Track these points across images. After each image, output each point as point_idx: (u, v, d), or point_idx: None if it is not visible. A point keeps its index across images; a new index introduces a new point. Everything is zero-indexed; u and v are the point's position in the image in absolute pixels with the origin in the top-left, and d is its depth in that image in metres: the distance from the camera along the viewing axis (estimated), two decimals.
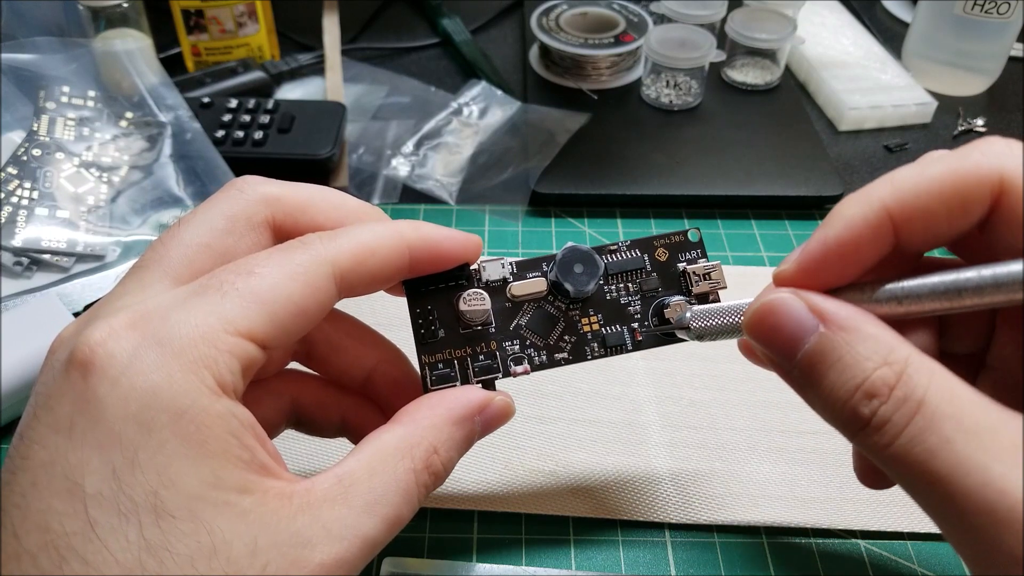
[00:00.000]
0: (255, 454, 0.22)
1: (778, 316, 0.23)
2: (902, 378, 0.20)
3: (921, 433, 0.20)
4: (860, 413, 0.21)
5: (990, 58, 0.64)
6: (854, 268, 0.23)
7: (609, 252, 0.30)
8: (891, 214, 0.22)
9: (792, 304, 0.23)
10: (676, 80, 0.61)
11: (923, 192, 0.22)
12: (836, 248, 0.23)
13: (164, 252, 0.24)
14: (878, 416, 0.21)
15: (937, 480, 0.20)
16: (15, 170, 0.49)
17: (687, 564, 0.35)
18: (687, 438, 0.39)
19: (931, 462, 0.20)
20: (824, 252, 0.23)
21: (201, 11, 0.62)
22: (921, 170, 0.22)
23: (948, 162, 0.22)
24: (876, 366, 0.21)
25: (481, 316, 0.28)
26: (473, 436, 0.26)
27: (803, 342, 0.22)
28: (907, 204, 0.22)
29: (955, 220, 0.22)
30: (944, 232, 0.23)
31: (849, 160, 0.59)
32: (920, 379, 0.20)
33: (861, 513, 0.36)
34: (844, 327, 0.22)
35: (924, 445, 0.20)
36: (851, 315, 0.22)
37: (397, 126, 0.59)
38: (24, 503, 0.20)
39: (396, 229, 0.26)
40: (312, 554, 0.21)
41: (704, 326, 0.27)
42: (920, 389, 0.20)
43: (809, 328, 0.22)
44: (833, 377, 0.22)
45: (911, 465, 0.20)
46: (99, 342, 0.21)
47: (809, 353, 0.22)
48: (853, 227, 0.23)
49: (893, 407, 0.20)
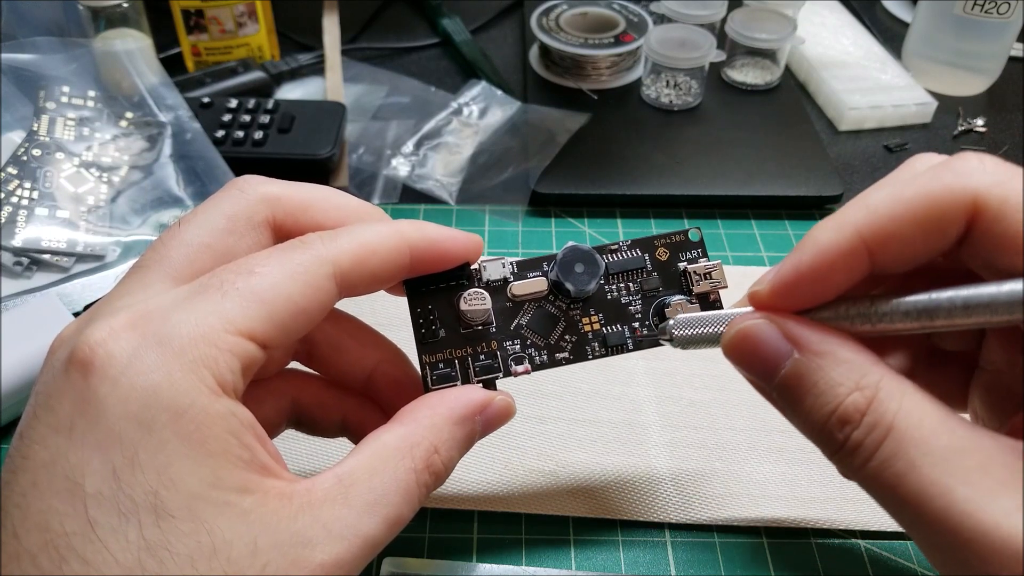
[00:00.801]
0: (255, 454, 0.22)
1: (754, 343, 0.24)
2: (872, 403, 0.21)
3: (890, 457, 0.20)
4: (835, 437, 0.22)
5: (990, 58, 0.64)
6: (827, 292, 0.23)
7: (610, 252, 0.30)
8: (865, 240, 0.22)
9: (766, 331, 0.23)
10: (676, 80, 0.61)
11: (897, 217, 0.22)
12: (808, 274, 0.23)
13: (164, 252, 0.24)
14: (851, 440, 0.21)
15: (906, 502, 0.20)
16: (15, 170, 0.49)
17: (687, 564, 0.35)
18: (687, 438, 0.39)
19: (900, 486, 0.20)
20: (797, 277, 0.23)
21: (201, 11, 0.62)
22: (895, 193, 0.22)
23: (921, 184, 0.22)
24: (848, 391, 0.21)
25: (482, 316, 0.28)
26: (474, 436, 0.26)
27: (780, 367, 0.23)
28: (881, 230, 0.22)
29: (931, 243, 0.22)
30: (920, 254, 0.23)
31: (849, 160, 0.59)
32: (890, 404, 0.21)
33: (861, 513, 0.36)
34: (817, 352, 0.22)
35: (893, 469, 0.20)
36: (823, 340, 0.22)
37: (397, 126, 0.59)
38: (24, 503, 0.20)
39: (397, 229, 0.26)
40: (312, 554, 0.21)
41: (686, 335, 0.27)
42: (889, 414, 0.21)
43: (784, 353, 0.23)
44: (809, 402, 0.22)
45: (882, 487, 0.21)
46: (99, 342, 0.21)
47: (785, 377, 0.23)
48: (825, 254, 0.23)
49: (864, 432, 0.21)
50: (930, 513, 0.20)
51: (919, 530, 0.21)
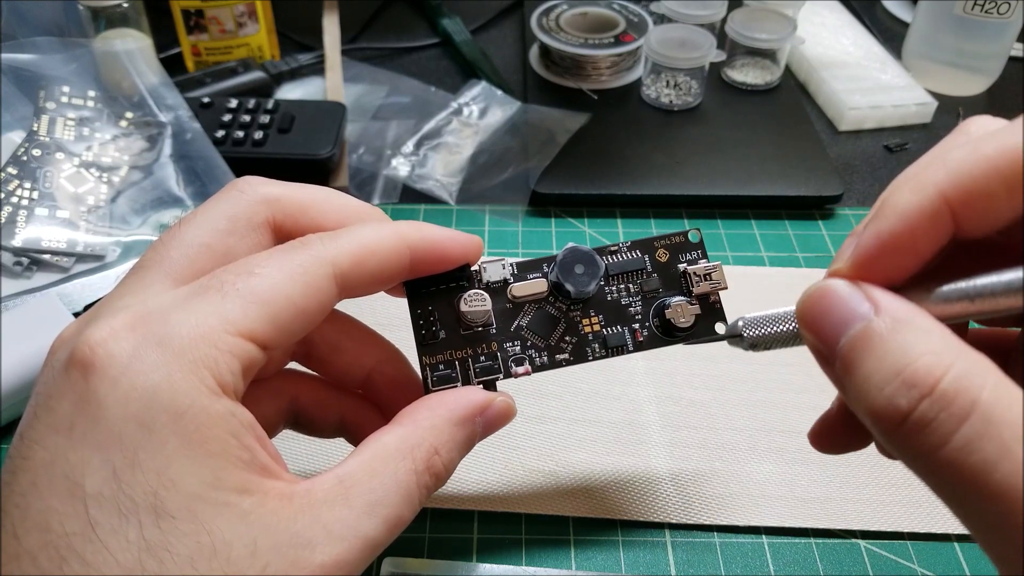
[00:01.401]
0: (255, 455, 0.22)
1: (829, 300, 0.21)
2: (951, 371, 0.18)
3: (976, 439, 0.17)
4: (897, 405, 0.18)
5: (990, 58, 0.64)
6: (913, 261, 0.21)
7: (610, 253, 0.30)
8: (948, 200, 0.20)
9: (846, 289, 0.21)
10: (676, 80, 0.61)
11: (980, 173, 0.20)
12: (891, 242, 0.21)
13: (165, 252, 0.24)
14: (919, 412, 0.18)
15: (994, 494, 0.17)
16: (15, 170, 0.49)
17: (687, 564, 0.35)
18: (687, 438, 0.39)
19: (987, 474, 0.17)
20: (879, 247, 0.21)
21: (201, 11, 0.62)
22: (973, 150, 0.20)
23: (1002, 139, 0.20)
24: (922, 353, 0.19)
25: (482, 317, 0.28)
26: (475, 437, 0.26)
27: (849, 328, 0.20)
28: (965, 188, 0.20)
29: (1016, 200, 0.20)
30: (1005, 213, 0.21)
31: (849, 160, 0.59)
32: (974, 378, 0.18)
33: (861, 513, 0.36)
34: (897, 317, 0.20)
35: (980, 454, 0.17)
36: (907, 307, 0.20)
37: (397, 126, 0.59)
38: (24, 503, 0.20)
39: (397, 230, 0.26)
40: (312, 555, 0.21)
41: (758, 335, 0.25)
42: (974, 388, 0.18)
43: (860, 315, 0.20)
44: (873, 363, 0.19)
45: (962, 475, 0.17)
46: (99, 342, 0.21)
47: (853, 337, 0.20)
48: (909, 218, 0.21)
49: (939, 404, 0.18)
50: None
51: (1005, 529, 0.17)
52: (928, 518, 0.36)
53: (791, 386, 0.42)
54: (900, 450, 0.19)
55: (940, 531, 0.35)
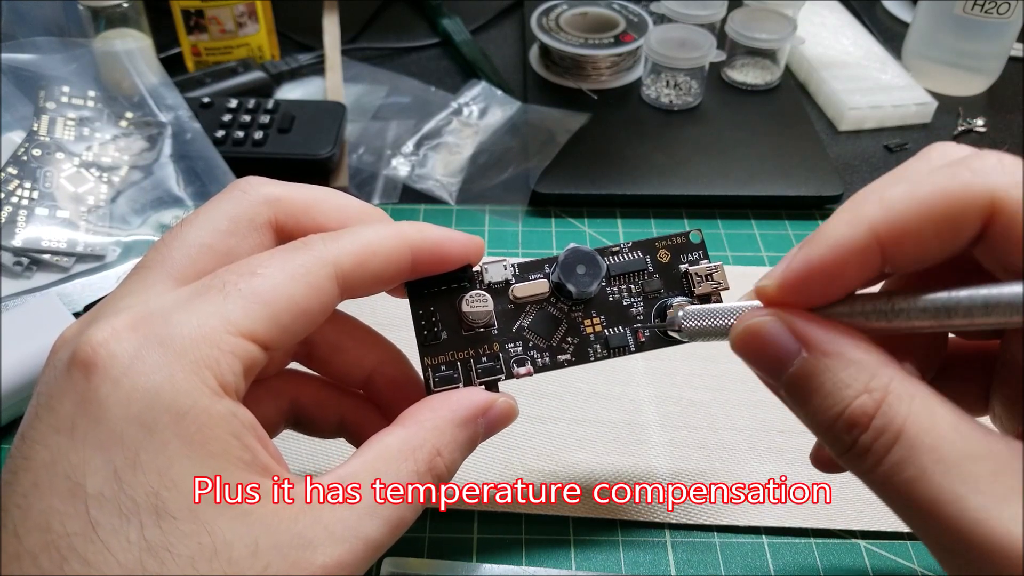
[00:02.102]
0: (256, 455, 0.22)
1: (761, 340, 0.23)
2: (881, 407, 0.21)
3: (900, 463, 0.20)
4: (842, 440, 0.21)
5: (990, 58, 0.64)
6: (837, 289, 0.23)
7: (611, 254, 0.30)
8: (879, 237, 0.22)
9: (773, 328, 0.23)
10: (676, 80, 0.61)
11: (912, 215, 0.21)
12: (820, 269, 0.22)
13: (167, 253, 0.24)
14: (859, 444, 0.21)
15: (916, 508, 0.20)
16: (15, 170, 0.49)
17: (687, 564, 0.35)
18: (687, 438, 0.39)
19: (910, 492, 0.20)
20: (808, 272, 0.23)
21: (201, 11, 0.62)
22: (911, 190, 0.21)
23: (938, 182, 0.21)
24: (856, 394, 0.21)
25: (484, 317, 0.28)
26: (477, 438, 0.26)
27: (787, 365, 0.22)
28: (896, 227, 0.21)
29: (945, 242, 0.21)
30: (934, 254, 0.22)
31: (849, 160, 0.59)
32: (900, 408, 0.20)
33: (861, 513, 0.36)
34: (826, 352, 0.22)
35: (903, 475, 0.20)
36: (833, 339, 0.22)
37: (397, 126, 0.59)
38: (26, 503, 0.20)
39: (399, 230, 0.26)
40: (314, 556, 0.21)
41: (695, 326, 0.27)
42: (899, 418, 0.20)
43: (792, 352, 0.22)
44: (816, 403, 0.22)
45: (892, 492, 0.21)
46: (101, 342, 0.21)
47: (792, 377, 0.22)
48: (838, 249, 0.22)
49: (872, 436, 0.21)
50: (941, 520, 0.19)
51: (929, 535, 0.20)
52: None
53: None
54: (850, 469, 0.22)
55: None
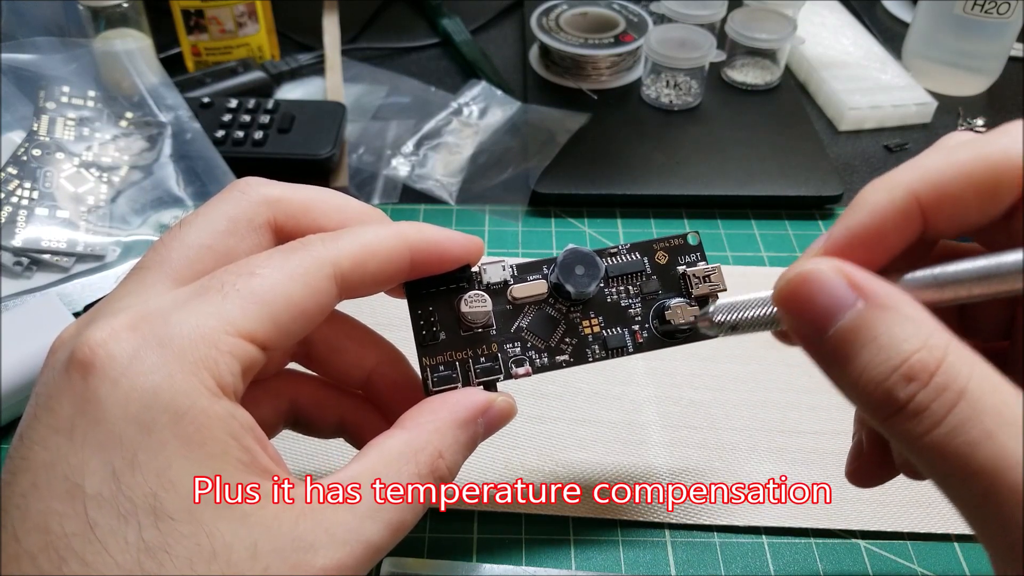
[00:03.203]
0: (255, 456, 0.22)
1: (813, 287, 0.21)
2: (943, 364, 0.19)
3: (963, 424, 0.19)
4: (895, 396, 0.20)
5: (990, 58, 0.64)
6: (880, 256, 0.23)
7: (609, 255, 0.30)
8: (919, 200, 0.22)
9: (830, 276, 0.21)
10: (676, 80, 0.61)
11: (951, 178, 0.21)
12: (862, 235, 0.22)
13: (165, 253, 0.24)
14: (915, 402, 0.19)
15: (976, 473, 0.19)
16: (15, 170, 0.49)
17: (687, 564, 0.35)
18: (687, 438, 0.39)
19: (972, 455, 0.18)
20: (849, 240, 0.22)
21: (201, 11, 0.62)
22: (948, 156, 0.22)
23: (976, 147, 0.21)
24: (915, 349, 0.20)
25: (482, 318, 0.28)
26: (477, 438, 0.26)
27: (837, 317, 0.21)
28: (935, 190, 0.21)
29: (984, 207, 0.21)
30: (973, 219, 0.22)
31: (849, 160, 0.59)
32: (962, 368, 0.19)
33: (861, 513, 0.36)
34: (884, 305, 0.20)
35: (965, 437, 0.19)
36: (892, 294, 0.21)
37: (397, 126, 0.59)
38: (24, 504, 0.20)
39: (397, 230, 0.26)
40: (314, 558, 0.21)
41: (730, 320, 0.26)
42: (962, 378, 0.19)
43: (846, 303, 0.21)
44: (867, 356, 0.20)
45: (949, 457, 0.19)
46: (100, 343, 0.21)
47: (843, 329, 0.21)
48: (879, 213, 0.22)
49: (933, 393, 0.19)
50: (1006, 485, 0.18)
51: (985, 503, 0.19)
52: (928, 518, 0.36)
53: (791, 386, 0.42)
54: (893, 434, 0.20)
55: (940, 531, 0.35)
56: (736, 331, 0.26)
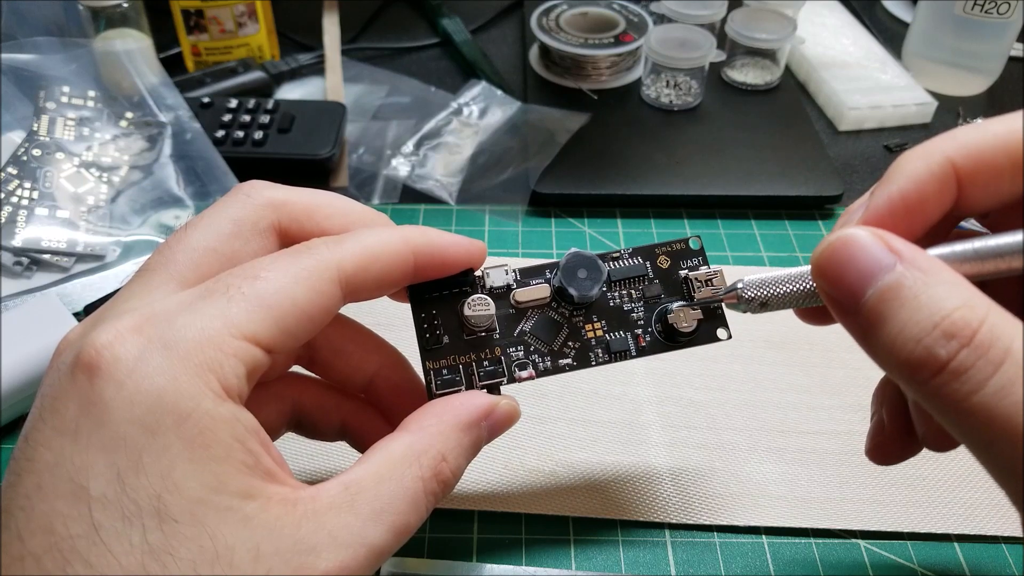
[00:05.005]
0: (259, 459, 0.22)
1: (852, 250, 0.21)
2: (985, 323, 0.19)
3: (1011, 384, 0.18)
4: (936, 355, 0.19)
5: (990, 58, 0.64)
6: (920, 223, 0.23)
7: (611, 259, 0.30)
8: (956, 167, 0.22)
9: (867, 239, 0.21)
10: (676, 80, 0.61)
11: (988, 147, 0.22)
12: (901, 202, 0.22)
13: (170, 256, 0.24)
14: (958, 360, 0.19)
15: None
16: (15, 170, 0.49)
17: (687, 564, 0.35)
18: (687, 438, 0.39)
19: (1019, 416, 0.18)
20: (890, 207, 0.22)
21: (201, 11, 0.62)
22: (982, 127, 0.22)
23: (1010, 121, 0.22)
24: (957, 306, 0.19)
25: (486, 321, 0.28)
26: (480, 442, 0.26)
27: (877, 278, 0.21)
28: (972, 158, 0.22)
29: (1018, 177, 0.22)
30: (1006, 190, 0.22)
31: (849, 160, 0.59)
32: (1006, 327, 0.19)
33: (861, 513, 0.36)
34: (923, 268, 0.20)
35: (1013, 398, 0.18)
36: (930, 259, 0.21)
37: (397, 126, 0.59)
38: (29, 505, 0.20)
39: (401, 234, 0.26)
40: (316, 561, 0.21)
41: (758, 295, 0.26)
42: (1007, 337, 0.18)
43: (885, 265, 0.21)
44: (906, 315, 0.20)
45: (994, 419, 0.18)
46: (105, 345, 0.21)
47: (882, 289, 0.20)
48: (918, 180, 0.22)
49: (976, 353, 0.18)
50: None
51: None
52: (928, 518, 0.36)
53: (791, 386, 0.42)
54: (933, 399, 0.20)
55: (940, 531, 0.36)
56: (765, 308, 0.26)
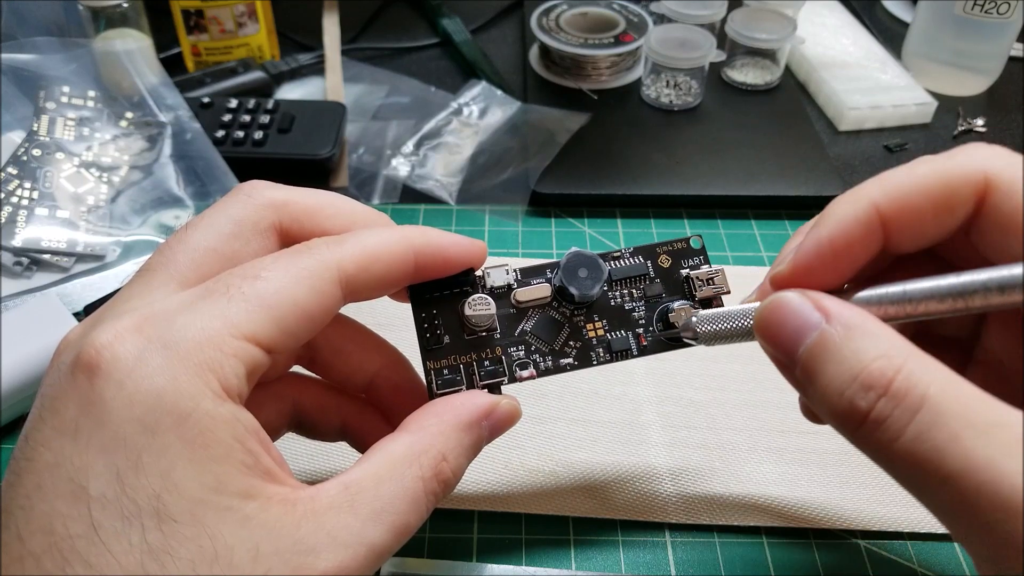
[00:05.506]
0: (259, 459, 0.22)
1: (783, 312, 0.23)
2: (902, 371, 0.20)
3: (927, 430, 0.19)
4: (857, 406, 0.20)
5: (990, 58, 0.64)
6: (847, 267, 0.24)
7: (612, 259, 0.30)
8: (881, 212, 0.23)
9: (796, 301, 0.23)
10: (676, 80, 0.61)
11: (911, 191, 0.23)
12: (829, 247, 0.23)
13: (171, 256, 0.24)
14: (876, 410, 0.20)
15: (946, 478, 0.19)
16: (15, 170, 0.49)
17: (687, 564, 0.35)
18: (687, 438, 0.39)
19: (939, 460, 0.19)
20: (818, 251, 0.24)
21: (201, 11, 0.62)
22: (908, 170, 0.23)
23: (934, 163, 0.23)
24: (873, 358, 0.20)
25: (486, 321, 0.28)
26: (481, 442, 0.26)
27: (806, 336, 0.22)
28: (896, 202, 0.23)
29: (942, 219, 0.23)
30: (931, 232, 0.23)
31: (849, 160, 0.59)
32: (922, 375, 0.20)
33: (861, 513, 0.36)
34: (847, 323, 0.21)
35: (931, 443, 0.19)
36: (854, 313, 0.22)
37: (397, 126, 0.59)
38: (29, 505, 0.20)
39: (402, 234, 0.26)
40: (316, 561, 0.21)
41: (710, 330, 0.27)
42: (922, 384, 0.20)
43: (812, 324, 0.22)
44: (832, 369, 0.21)
45: (917, 463, 0.19)
46: (105, 344, 0.21)
47: (811, 346, 0.22)
48: (845, 225, 0.23)
49: (893, 402, 0.20)
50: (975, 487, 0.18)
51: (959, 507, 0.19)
52: (928, 518, 0.36)
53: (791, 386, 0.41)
54: (862, 446, 0.21)
55: (940, 531, 0.36)
56: (716, 341, 0.27)
